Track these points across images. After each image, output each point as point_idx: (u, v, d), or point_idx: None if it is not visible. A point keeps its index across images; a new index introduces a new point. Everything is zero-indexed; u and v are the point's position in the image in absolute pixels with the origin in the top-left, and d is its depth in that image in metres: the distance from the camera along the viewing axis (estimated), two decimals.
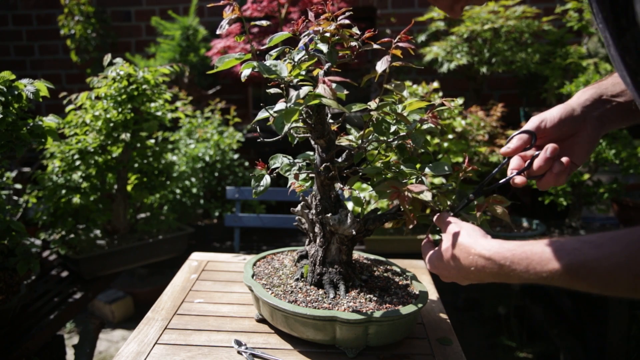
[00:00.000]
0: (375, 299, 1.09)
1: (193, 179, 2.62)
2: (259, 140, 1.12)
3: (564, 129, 0.91)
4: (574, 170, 0.93)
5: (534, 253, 0.69)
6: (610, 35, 0.61)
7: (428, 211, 1.03)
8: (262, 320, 1.19)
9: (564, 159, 0.89)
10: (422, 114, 1.08)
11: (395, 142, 1.08)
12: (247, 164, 2.81)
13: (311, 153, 1.18)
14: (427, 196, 0.92)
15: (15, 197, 2.25)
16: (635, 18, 0.55)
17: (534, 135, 0.91)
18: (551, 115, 0.91)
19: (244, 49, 2.72)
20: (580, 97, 0.92)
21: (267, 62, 0.97)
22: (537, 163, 0.89)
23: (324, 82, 0.90)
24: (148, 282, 3.39)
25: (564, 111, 0.91)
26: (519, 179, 0.91)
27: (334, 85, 0.90)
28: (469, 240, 0.82)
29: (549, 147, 0.88)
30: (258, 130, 1.14)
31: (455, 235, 0.86)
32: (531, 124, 0.93)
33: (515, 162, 0.94)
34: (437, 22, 2.92)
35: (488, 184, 0.97)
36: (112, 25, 3.70)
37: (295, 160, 1.16)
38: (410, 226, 1.00)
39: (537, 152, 0.89)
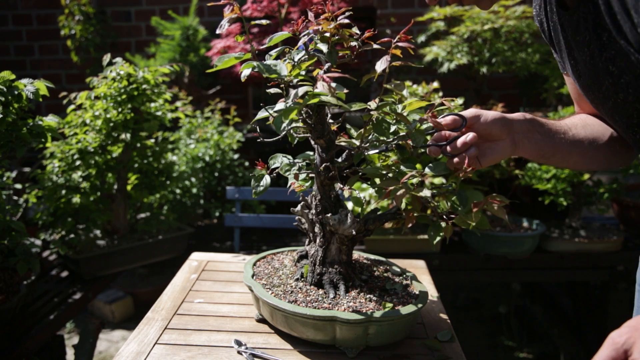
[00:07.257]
0: (375, 299, 1.08)
1: (193, 179, 2.62)
2: (259, 140, 1.12)
3: (492, 131, 1.01)
4: (477, 168, 1.02)
5: None
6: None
7: (429, 212, 1.03)
8: (262, 320, 1.19)
9: (473, 151, 0.99)
10: (422, 113, 1.08)
11: (395, 142, 1.08)
12: (247, 164, 2.81)
13: (311, 153, 1.17)
14: (425, 193, 0.93)
15: (15, 197, 2.25)
16: None
17: (465, 120, 1.01)
18: (488, 114, 1.02)
19: (244, 48, 2.72)
20: (521, 117, 1.03)
21: (267, 62, 0.97)
22: (455, 143, 1.00)
23: (322, 79, 0.90)
24: (148, 282, 3.39)
25: (501, 118, 1.01)
26: (434, 150, 1.03)
27: (333, 84, 0.90)
28: None
29: (470, 134, 0.98)
30: (258, 130, 1.14)
31: None
32: (468, 112, 1.02)
33: (437, 135, 1.05)
34: (437, 22, 2.92)
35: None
36: (112, 25, 3.70)
37: (295, 160, 1.15)
38: (409, 225, 1.00)
39: (458, 134, 1.01)
